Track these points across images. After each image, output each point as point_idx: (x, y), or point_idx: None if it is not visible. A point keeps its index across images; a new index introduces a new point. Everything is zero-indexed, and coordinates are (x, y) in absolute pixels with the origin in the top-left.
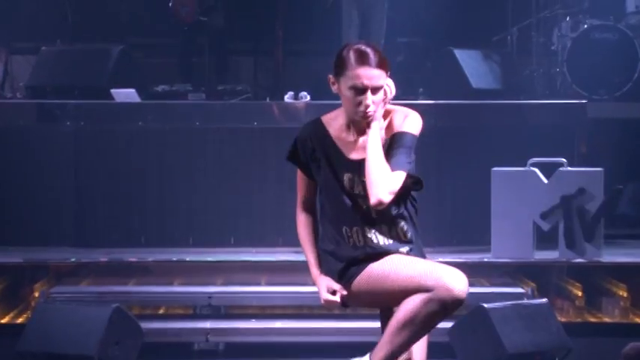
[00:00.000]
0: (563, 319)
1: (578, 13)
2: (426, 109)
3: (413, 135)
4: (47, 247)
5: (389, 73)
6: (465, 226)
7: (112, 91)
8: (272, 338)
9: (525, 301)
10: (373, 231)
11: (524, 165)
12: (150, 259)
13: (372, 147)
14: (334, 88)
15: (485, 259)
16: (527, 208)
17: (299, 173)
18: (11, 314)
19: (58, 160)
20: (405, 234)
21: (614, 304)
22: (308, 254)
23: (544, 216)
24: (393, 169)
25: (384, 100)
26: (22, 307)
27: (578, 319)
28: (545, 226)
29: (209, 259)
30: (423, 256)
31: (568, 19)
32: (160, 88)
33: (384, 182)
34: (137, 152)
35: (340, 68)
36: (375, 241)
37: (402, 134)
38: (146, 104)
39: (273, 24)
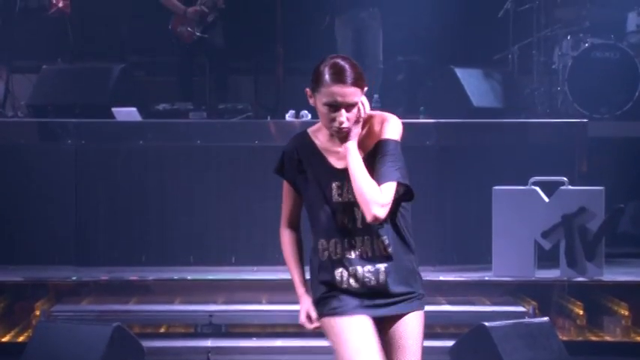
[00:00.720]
0: (564, 338)
1: (579, 32)
2: (427, 128)
3: (395, 141)
4: (48, 265)
5: (365, 88)
6: (466, 244)
7: (114, 109)
8: (273, 357)
9: (526, 319)
10: (353, 243)
11: (525, 183)
12: (151, 278)
13: (354, 166)
14: (311, 101)
15: (487, 278)
16: (528, 226)
17: (285, 187)
18: (12, 333)
19: (59, 178)
20: (385, 248)
21: (616, 322)
22: (293, 273)
23: (545, 234)
24: (382, 182)
25: (357, 117)
26: (23, 326)
27: (580, 338)
28: (547, 245)
29: (210, 277)
30: (412, 270)
31: (569, 37)
32: (161, 106)
33: (375, 198)
34: (138, 171)
35: (316, 83)
36: (352, 256)
37: (384, 142)
38: (147, 123)
39: (274, 43)
